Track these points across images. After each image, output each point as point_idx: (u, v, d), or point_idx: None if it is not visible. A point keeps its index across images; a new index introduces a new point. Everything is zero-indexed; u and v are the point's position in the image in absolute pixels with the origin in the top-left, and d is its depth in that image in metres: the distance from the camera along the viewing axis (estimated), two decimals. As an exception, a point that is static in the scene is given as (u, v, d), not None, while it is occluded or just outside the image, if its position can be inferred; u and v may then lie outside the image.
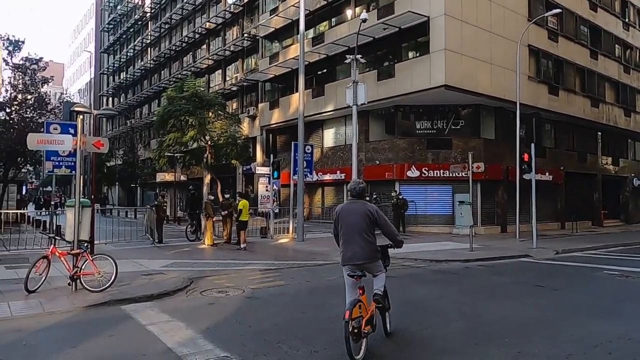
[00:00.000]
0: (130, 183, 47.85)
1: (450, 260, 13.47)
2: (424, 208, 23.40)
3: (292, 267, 12.12)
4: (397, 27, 22.84)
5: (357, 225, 5.61)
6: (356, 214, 5.65)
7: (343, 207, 5.87)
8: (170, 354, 5.48)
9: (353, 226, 5.62)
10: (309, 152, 19.82)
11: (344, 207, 5.85)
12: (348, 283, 5.79)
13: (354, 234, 5.60)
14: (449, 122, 24.09)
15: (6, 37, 26.39)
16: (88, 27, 73.43)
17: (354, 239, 5.60)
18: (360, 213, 5.63)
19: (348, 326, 4.99)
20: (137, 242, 17.47)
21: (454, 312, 7.51)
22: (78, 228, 8.97)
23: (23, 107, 26.41)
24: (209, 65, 39.99)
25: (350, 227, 5.64)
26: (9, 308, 7.49)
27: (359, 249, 5.58)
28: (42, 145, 9.73)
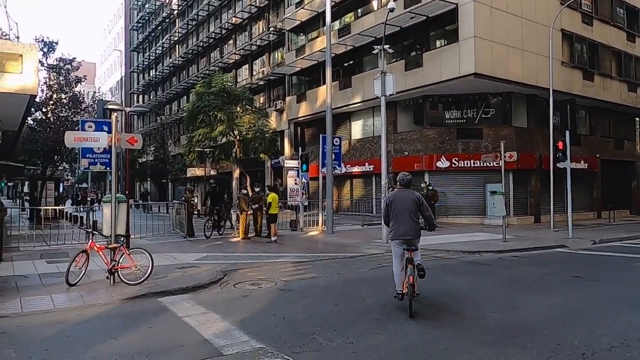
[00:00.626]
0: (161, 178, 48.76)
1: (483, 252, 13.27)
2: (454, 199, 23.10)
3: (323, 260, 12.15)
4: (425, 16, 22.49)
5: (407, 208, 7.05)
6: (406, 199, 7.12)
7: (395, 194, 7.35)
8: (207, 345, 5.57)
9: (403, 209, 7.06)
10: (337, 145, 19.78)
11: (396, 194, 7.33)
12: (397, 253, 7.18)
13: (405, 215, 7.04)
14: (479, 111, 23.65)
15: (41, 38, 27.07)
16: (118, 27, 74.88)
17: (404, 219, 7.03)
18: (409, 199, 7.11)
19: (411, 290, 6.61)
20: (169, 236, 17.83)
21: (489, 303, 7.40)
22: (115, 223, 9.19)
23: (58, 106, 27.12)
24: (236, 60, 40.29)
25: (401, 210, 7.07)
26: (52, 301, 7.76)
27: (408, 227, 7.01)
28: (78, 142, 10.00)
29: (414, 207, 7.04)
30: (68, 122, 25.33)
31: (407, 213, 7.03)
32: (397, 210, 7.11)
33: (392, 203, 7.21)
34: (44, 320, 6.80)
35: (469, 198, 23.03)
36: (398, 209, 7.11)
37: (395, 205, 7.15)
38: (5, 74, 10.28)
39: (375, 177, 25.38)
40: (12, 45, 11.43)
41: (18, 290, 8.60)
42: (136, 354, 5.24)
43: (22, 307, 7.40)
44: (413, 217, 7.03)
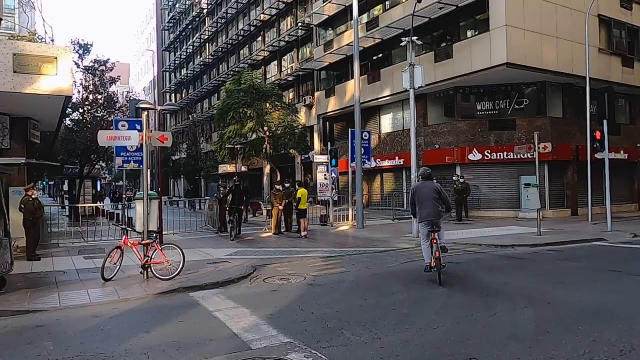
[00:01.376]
0: (194, 175, 49.58)
1: (517, 245, 12.97)
2: (487, 192, 22.66)
3: (352, 254, 12.12)
4: (454, 6, 22.05)
5: (429, 196, 8.74)
6: (428, 188, 8.86)
7: (418, 185, 9.20)
8: (236, 339, 5.64)
9: (426, 197, 8.76)
10: (366, 139, 19.65)
11: (419, 185, 9.14)
12: (424, 233, 8.89)
13: (427, 201, 8.72)
14: (512, 102, 23.07)
15: (76, 41, 27.89)
16: (149, 27, 76.42)
17: (427, 205, 8.72)
18: (430, 188, 8.86)
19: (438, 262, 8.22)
20: (202, 232, 18.13)
21: (521, 298, 7.23)
22: (147, 219, 9.40)
23: (94, 106, 27.91)
24: (264, 57, 40.52)
25: (424, 198, 8.78)
26: (88, 295, 8.01)
27: (431, 211, 8.70)
28: (111, 141, 10.27)
29: (434, 194, 8.74)
30: (103, 122, 26.02)
31: (429, 200, 8.71)
32: (421, 198, 8.79)
33: (416, 193, 8.98)
34: (80, 314, 7.02)
35: (502, 191, 22.55)
36: (422, 197, 8.79)
37: (419, 194, 8.86)
38: (41, 76, 10.65)
39: (405, 170, 25.13)
40: (47, 48, 11.82)
41: (57, 285, 8.92)
42: (167, 347, 5.35)
43: (60, 301, 7.67)
44: (434, 203, 8.69)
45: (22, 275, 9.64)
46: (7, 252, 8.54)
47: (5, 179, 12.25)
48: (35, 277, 9.70)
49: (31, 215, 11.85)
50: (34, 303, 7.51)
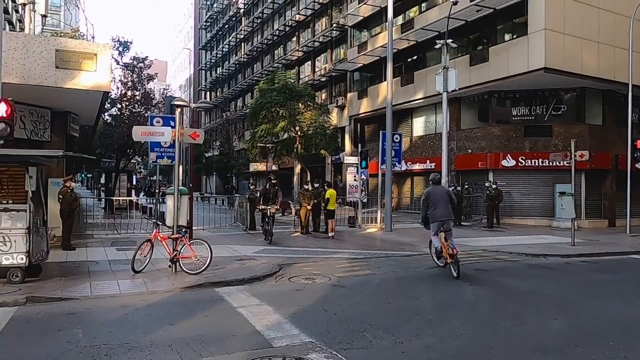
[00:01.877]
0: (226, 173, 50.30)
1: (549, 255, 12.62)
2: (520, 199, 22.15)
3: (379, 257, 12.04)
4: (492, 8, 21.65)
5: (443, 197, 9.74)
6: (440, 192, 9.89)
7: (430, 189, 9.99)
8: (258, 337, 5.69)
9: (438, 199, 9.70)
10: (397, 141, 19.50)
11: (431, 189, 9.98)
12: (436, 232, 9.74)
13: (440, 203, 9.65)
14: (549, 108, 22.48)
15: (117, 38, 28.72)
16: (187, 26, 77.94)
17: (440, 206, 9.63)
18: (443, 192, 9.99)
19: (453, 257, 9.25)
20: (231, 228, 18.35)
21: (551, 309, 7.04)
22: (177, 214, 9.59)
23: (132, 102, 28.69)
24: (298, 57, 40.74)
25: (437, 200, 9.69)
26: (118, 286, 8.22)
27: (444, 211, 9.64)
28: (145, 136, 10.52)
29: (445, 197, 9.75)
30: (140, 118, 26.68)
31: (442, 202, 9.65)
32: (434, 201, 9.71)
33: (430, 195, 9.84)
34: (109, 304, 7.21)
35: (535, 198, 22.00)
36: (435, 200, 9.71)
37: (433, 197, 9.78)
38: (82, 72, 11.00)
39: (436, 175, 24.76)
40: (87, 45, 12.21)
41: (89, 274, 9.19)
42: (191, 341, 5.44)
43: (92, 290, 7.90)
44: (446, 204, 9.65)
45: (57, 264, 9.97)
46: (44, 241, 8.86)
47: (45, 170, 12.71)
48: (69, 266, 10.02)
49: (68, 206, 12.26)
50: (66, 291, 7.76)
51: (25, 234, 8.05)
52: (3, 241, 7.98)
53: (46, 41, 11.41)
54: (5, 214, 8.10)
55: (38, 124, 13.26)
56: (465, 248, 13.70)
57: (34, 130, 13.07)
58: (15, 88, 10.56)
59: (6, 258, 8.00)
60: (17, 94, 10.32)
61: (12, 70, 10.50)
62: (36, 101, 12.72)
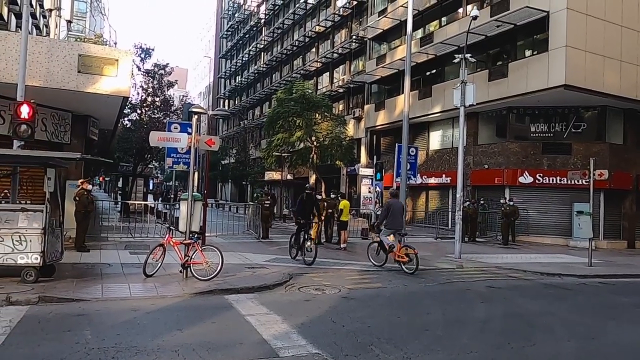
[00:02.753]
0: (241, 180, 50.58)
1: (564, 275, 12.38)
2: (536, 217, 21.84)
3: (390, 270, 11.94)
4: (512, 24, 21.55)
5: (400, 210, 12.09)
6: (399, 205, 12.30)
7: (393, 201, 12.27)
8: (264, 346, 5.66)
9: (398, 211, 12.01)
10: (413, 155, 19.38)
11: (393, 201, 12.31)
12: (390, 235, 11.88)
13: (398, 214, 11.95)
14: (568, 125, 22.21)
15: (139, 45, 29.26)
16: (209, 35, 79.04)
17: (398, 217, 11.95)
18: (400, 205, 12.43)
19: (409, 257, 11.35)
20: (244, 236, 18.39)
21: (564, 330, 6.89)
22: (190, 220, 9.64)
23: (151, 108, 29.09)
24: (317, 68, 40.96)
25: (396, 211, 11.90)
26: (129, 289, 8.27)
27: (401, 221, 12.10)
28: (161, 142, 10.65)
29: (402, 210, 12.22)
30: (159, 124, 27.02)
31: (399, 213, 11.96)
32: (395, 212, 11.87)
33: (391, 206, 11.94)
34: (119, 306, 7.26)
35: (552, 217, 21.68)
36: (395, 211, 11.88)
37: (394, 208, 11.91)
38: (103, 77, 11.20)
39: (452, 189, 24.60)
40: (110, 51, 12.44)
41: (101, 277, 9.28)
42: (197, 347, 5.44)
43: (103, 292, 7.96)
44: (402, 216, 12.16)
45: (70, 265, 10.09)
46: (59, 241, 8.97)
47: (64, 172, 12.92)
48: (82, 268, 10.13)
49: (84, 208, 12.42)
50: (78, 292, 7.83)
51: (41, 234, 8.17)
52: (19, 240, 8.10)
53: (69, 46, 11.66)
54: (22, 214, 8.23)
55: (59, 126, 13.51)
56: (478, 265, 13.56)
57: (54, 132, 13.32)
58: (38, 91, 10.80)
59: (21, 257, 8.11)
60: (39, 96, 10.55)
61: (35, 73, 10.74)
62: (58, 104, 12.97)
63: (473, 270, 12.67)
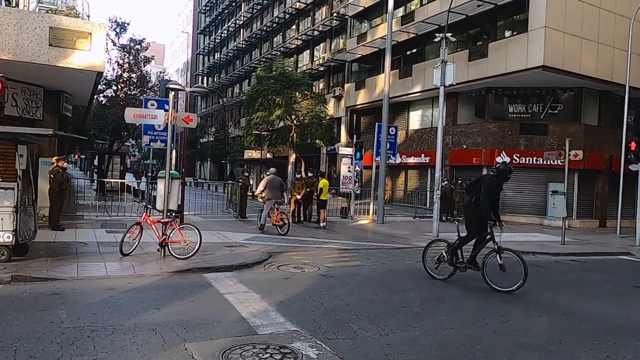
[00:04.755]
0: (220, 159, 50.17)
1: (539, 253, 12.69)
2: (513, 197, 22.22)
3: (369, 249, 12.06)
4: (493, 4, 21.55)
5: (277, 185, 14.43)
6: (276, 180, 14.53)
7: (271, 177, 14.59)
8: (243, 324, 5.66)
9: (275, 185, 14.35)
10: (392, 134, 19.47)
11: (272, 177, 14.60)
12: (269, 206, 14.11)
13: (275, 188, 14.31)
14: (545, 106, 22.50)
15: (114, 19, 28.39)
16: (187, 9, 77.16)
17: (276, 191, 14.32)
18: (278, 181, 14.64)
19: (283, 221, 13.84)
20: (222, 215, 18.29)
21: (537, 306, 7.06)
22: (167, 198, 9.52)
23: (127, 84, 28.39)
24: (297, 46, 40.47)
25: (273, 185, 14.33)
26: (105, 268, 8.17)
27: (278, 194, 14.40)
28: (137, 119, 10.40)
29: (279, 184, 14.49)
30: (136, 100, 26.44)
31: (277, 188, 14.33)
32: (273, 187, 14.24)
33: (270, 182, 14.28)
34: (96, 285, 7.17)
35: (528, 196, 22.09)
36: (273, 186, 14.27)
37: (271, 183, 14.28)
38: (76, 50, 10.84)
39: (430, 169, 24.83)
40: (82, 24, 12.02)
41: (77, 255, 9.13)
42: (175, 325, 5.41)
43: (78, 271, 7.84)
44: (279, 190, 14.46)
45: (45, 244, 9.89)
46: (32, 220, 8.76)
47: (36, 149, 12.57)
48: (57, 247, 9.95)
49: (58, 186, 12.15)
50: (52, 271, 7.69)
51: (13, 213, 7.96)
52: (-10, 219, 7.88)
53: (40, 18, 11.22)
54: (-7, 192, 7.99)
55: (30, 102, 13.08)
56: (455, 243, 13.73)
57: (25, 108, 12.89)
58: (8, 64, 10.40)
59: (-8, 236, 7.91)
60: (9, 70, 10.16)
61: (4, 46, 10.33)
62: (29, 79, 12.53)
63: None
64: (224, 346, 4.84)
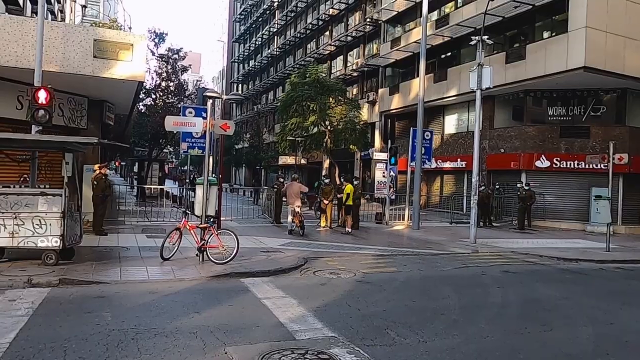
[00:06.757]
0: (255, 165, 50.70)
1: (582, 260, 12.27)
2: (553, 202, 21.58)
3: (405, 255, 11.95)
4: (531, 5, 21.07)
5: (296, 191, 15.07)
6: (294, 186, 15.28)
7: (288, 184, 15.97)
8: (281, 329, 5.71)
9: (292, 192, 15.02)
10: (427, 139, 19.28)
11: (288, 184, 15.95)
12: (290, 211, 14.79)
13: (293, 195, 14.90)
14: (587, 108, 21.80)
15: (153, 30, 29.22)
16: (222, 19, 78.70)
17: (294, 196, 14.86)
18: (297, 186, 15.37)
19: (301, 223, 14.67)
20: (258, 220, 18.49)
21: (581, 315, 6.84)
22: (206, 204, 9.70)
23: (165, 93, 29.13)
24: (331, 52, 40.62)
25: (292, 192, 15.05)
26: (147, 272, 8.39)
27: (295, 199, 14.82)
28: (177, 127, 10.66)
29: (298, 191, 15.11)
30: (173, 108, 27.08)
31: (294, 194, 14.89)
32: (290, 193, 14.97)
33: (288, 188, 15.32)
34: (138, 289, 7.37)
35: (570, 201, 21.40)
36: (291, 192, 14.99)
37: (289, 190, 15.19)
38: (118, 61, 11.22)
39: (467, 174, 24.40)
40: (125, 36, 12.44)
41: (120, 260, 9.41)
42: (215, 329, 5.51)
43: (121, 275, 8.09)
44: (297, 196, 14.93)
45: (89, 248, 10.24)
46: (78, 225, 9.11)
47: (81, 157, 13.05)
48: (100, 251, 10.29)
49: (102, 192, 12.57)
50: (97, 275, 7.96)
51: (60, 218, 8.29)
52: (39, 224, 8.24)
53: (85, 31, 11.68)
54: (42, 198, 8.36)
55: (75, 111, 13.62)
56: (494, 249, 13.49)
57: (71, 117, 13.43)
58: (55, 76, 10.85)
59: (41, 240, 8.26)
60: (56, 82, 10.61)
61: (52, 58, 10.79)
62: (74, 89, 13.05)
63: (488, 255, 12.61)
64: (263, 351, 4.89)
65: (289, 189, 15.40)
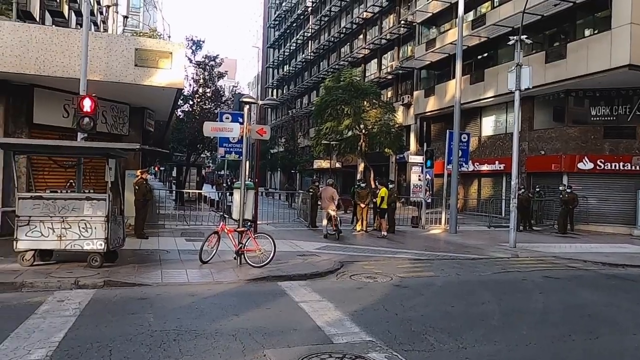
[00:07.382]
0: (290, 169, 51.09)
1: (629, 266, 11.78)
2: (597, 205, 20.83)
3: (442, 259, 11.78)
4: (572, 2, 20.47)
5: (329, 195, 14.82)
6: (328, 191, 15.03)
7: (322, 189, 16.05)
8: (318, 332, 5.73)
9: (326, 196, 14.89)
10: (464, 141, 18.97)
11: (322, 189, 16.07)
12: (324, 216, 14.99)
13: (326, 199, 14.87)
14: (632, 108, 20.95)
15: (190, 38, 29.98)
16: (257, 25, 79.85)
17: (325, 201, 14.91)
18: (331, 191, 15.01)
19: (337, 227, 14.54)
20: (293, 224, 18.61)
21: (629, 323, 6.58)
22: (243, 208, 9.85)
23: (203, 99, 29.80)
24: (365, 55, 40.55)
25: (325, 196, 14.96)
26: (187, 275, 8.58)
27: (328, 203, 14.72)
28: (214, 132, 10.91)
29: (331, 195, 14.78)
30: (210, 114, 27.65)
31: (328, 198, 14.80)
32: (324, 197, 15.03)
33: (322, 193, 15.41)
34: (178, 291, 7.55)
35: (615, 205, 20.61)
36: (324, 196, 15.03)
37: (323, 194, 15.22)
38: (158, 69, 11.55)
39: (505, 176, 23.91)
40: (164, 44, 12.80)
41: (160, 263, 9.66)
42: (254, 332, 5.58)
43: (162, 278, 8.30)
44: (330, 200, 14.71)
45: (131, 251, 10.55)
46: (121, 229, 9.41)
47: (123, 162, 13.48)
48: (142, 254, 10.58)
49: (143, 196, 12.94)
50: (140, 277, 8.20)
51: (104, 222, 8.58)
52: (85, 227, 8.55)
53: (127, 41, 12.08)
54: (87, 203, 8.67)
55: (118, 118, 14.09)
56: (534, 254, 13.14)
57: (114, 124, 13.90)
58: (98, 84, 11.26)
59: (87, 243, 8.56)
60: (99, 90, 11.01)
61: (95, 68, 11.21)
62: (116, 97, 13.51)
63: (529, 259, 12.29)
64: (301, 354, 4.92)
65: (323, 193, 15.55)
